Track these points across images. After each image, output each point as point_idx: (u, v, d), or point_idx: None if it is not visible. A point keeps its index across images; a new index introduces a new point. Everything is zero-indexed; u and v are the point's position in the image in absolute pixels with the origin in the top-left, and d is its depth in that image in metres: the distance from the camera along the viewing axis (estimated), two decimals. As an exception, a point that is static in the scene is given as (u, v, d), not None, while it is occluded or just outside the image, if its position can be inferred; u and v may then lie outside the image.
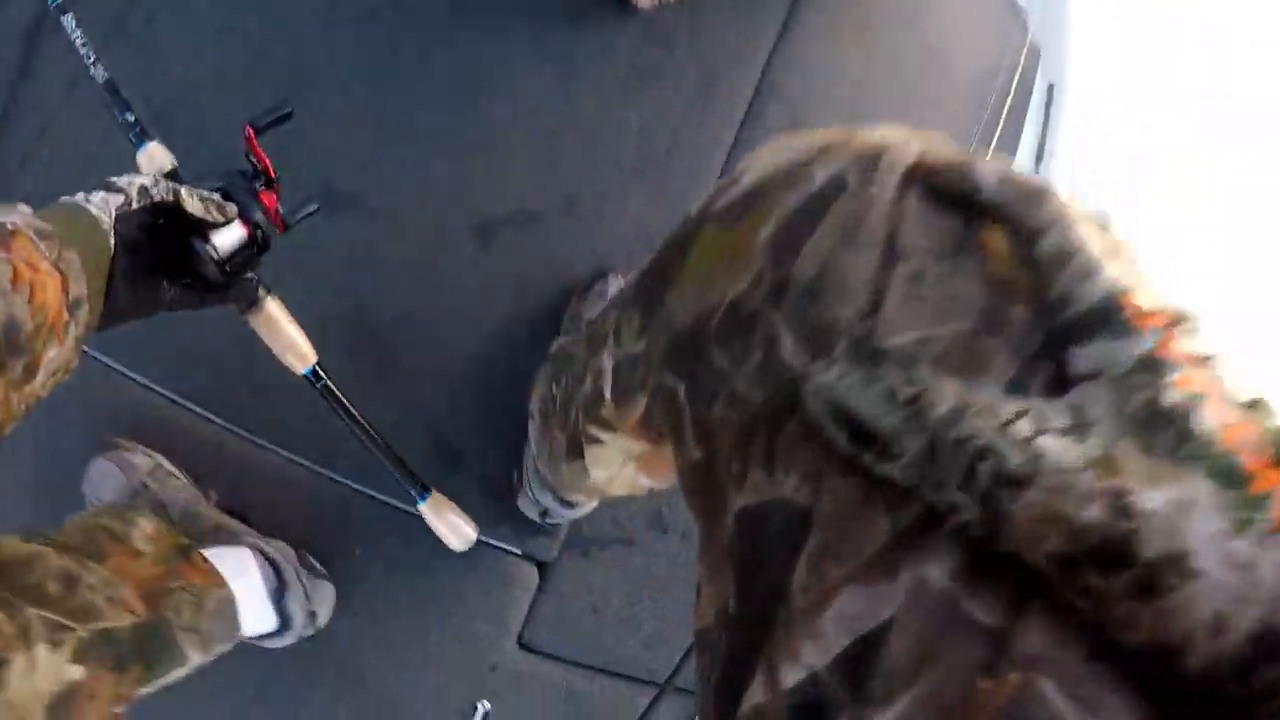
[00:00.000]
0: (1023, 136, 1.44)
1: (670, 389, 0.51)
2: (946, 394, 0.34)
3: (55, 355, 0.52)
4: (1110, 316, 0.34)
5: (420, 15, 1.14)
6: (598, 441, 0.73)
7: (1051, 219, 0.36)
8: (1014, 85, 1.40)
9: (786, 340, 0.41)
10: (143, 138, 0.71)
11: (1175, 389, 0.32)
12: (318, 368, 0.77)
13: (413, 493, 0.88)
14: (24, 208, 0.53)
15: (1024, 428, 0.32)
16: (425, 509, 0.89)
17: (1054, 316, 0.35)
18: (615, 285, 1.14)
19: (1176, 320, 0.34)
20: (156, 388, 1.07)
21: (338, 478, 1.10)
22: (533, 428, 1.03)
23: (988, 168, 0.39)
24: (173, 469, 1.07)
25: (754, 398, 0.42)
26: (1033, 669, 0.31)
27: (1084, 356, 0.34)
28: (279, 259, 0.90)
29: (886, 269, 0.39)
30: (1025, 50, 1.42)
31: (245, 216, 0.65)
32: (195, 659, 0.81)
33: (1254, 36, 1.41)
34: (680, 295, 0.51)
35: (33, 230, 0.50)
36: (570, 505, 1.08)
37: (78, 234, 0.54)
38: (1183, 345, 0.34)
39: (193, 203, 0.61)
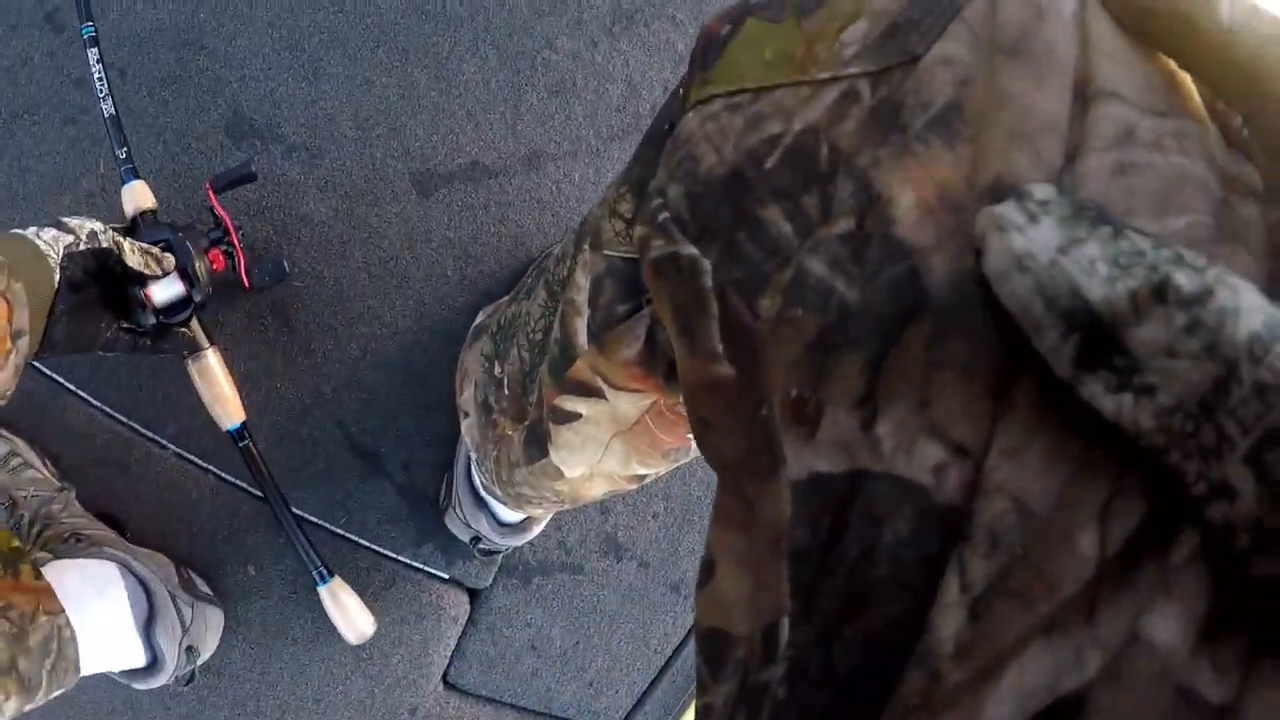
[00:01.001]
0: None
1: (688, 261, 0.33)
2: (1250, 300, 0.21)
3: None
4: None
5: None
6: (573, 418, 0.54)
7: None
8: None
9: (904, 199, 0.27)
10: (131, 175, 0.74)
11: None
12: (244, 427, 0.78)
13: (314, 574, 0.83)
14: None
15: None
16: (324, 593, 0.83)
17: None
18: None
19: None
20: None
21: (230, 478, 0.92)
22: (468, 429, 0.81)
23: None
24: (34, 458, 0.90)
25: (839, 287, 0.28)
26: None
27: None
28: (175, 207, 0.89)
29: (1080, 110, 0.26)
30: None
31: (185, 274, 0.68)
32: (12, 708, 0.67)
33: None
34: (704, 119, 0.34)
35: None
36: (511, 530, 0.91)
37: (26, 266, 0.56)
38: None
39: (133, 257, 0.65)
